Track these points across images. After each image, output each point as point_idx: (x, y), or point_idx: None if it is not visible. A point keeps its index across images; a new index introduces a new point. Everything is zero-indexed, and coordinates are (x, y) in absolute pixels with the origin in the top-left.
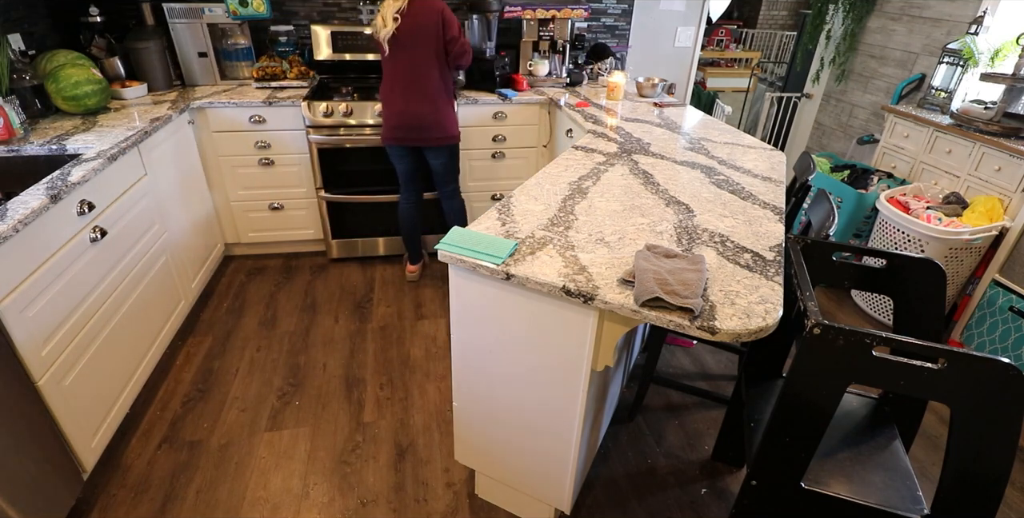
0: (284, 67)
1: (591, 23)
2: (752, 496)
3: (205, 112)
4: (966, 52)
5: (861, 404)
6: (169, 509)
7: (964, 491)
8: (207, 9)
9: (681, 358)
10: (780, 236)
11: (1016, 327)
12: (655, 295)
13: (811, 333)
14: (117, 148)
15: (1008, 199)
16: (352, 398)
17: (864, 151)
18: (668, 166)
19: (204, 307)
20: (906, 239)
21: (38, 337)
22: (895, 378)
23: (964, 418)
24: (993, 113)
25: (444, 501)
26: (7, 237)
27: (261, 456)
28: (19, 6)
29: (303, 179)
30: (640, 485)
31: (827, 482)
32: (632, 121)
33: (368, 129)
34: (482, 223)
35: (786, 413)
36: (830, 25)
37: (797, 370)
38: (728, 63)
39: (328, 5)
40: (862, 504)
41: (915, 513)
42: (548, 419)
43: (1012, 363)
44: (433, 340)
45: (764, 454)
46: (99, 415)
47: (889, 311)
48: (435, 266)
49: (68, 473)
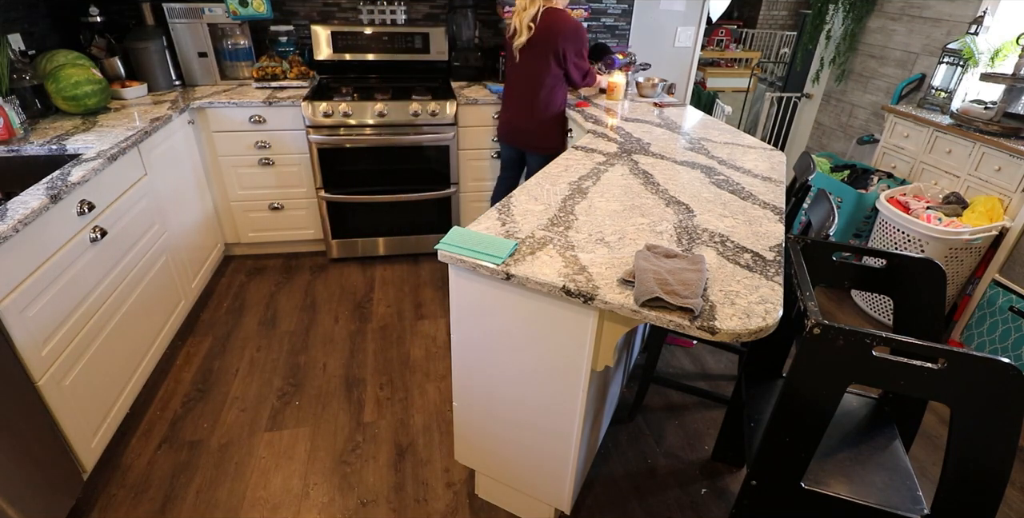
0: (284, 67)
1: (591, 23)
2: (752, 496)
3: (205, 112)
4: (966, 52)
5: (861, 404)
6: (169, 509)
7: (964, 491)
8: (207, 9)
9: (681, 358)
10: (780, 236)
11: (1016, 327)
12: (655, 295)
13: (811, 333)
14: (117, 148)
15: (1008, 199)
16: (352, 398)
17: (864, 151)
18: (668, 166)
19: (204, 307)
20: (906, 239)
21: (38, 337)
22: (895, 378)
23: (964, 418)
24: (993, 113)
25: (444, 501)
26: (7, 237)
27: (261, 456)
28: (19, 6)
29: (303, 179)
30: (640, 485)
31: (827, 482)
32: (632, 121)
33: (368, 129)
34: (482, 223)
35: (786, 413)
36: (830, 25)
37: (797, 370)
38: (728, 63)
39: (328, 5)
40: (862, 504)
41: (915, 513)
42: (548, 419)
43: (1012, 363)
44: (433, 340)
45: (764, 454)
46: (99, 415)
47: (889, 311)
48: (435, 266)
49: (68, 473)
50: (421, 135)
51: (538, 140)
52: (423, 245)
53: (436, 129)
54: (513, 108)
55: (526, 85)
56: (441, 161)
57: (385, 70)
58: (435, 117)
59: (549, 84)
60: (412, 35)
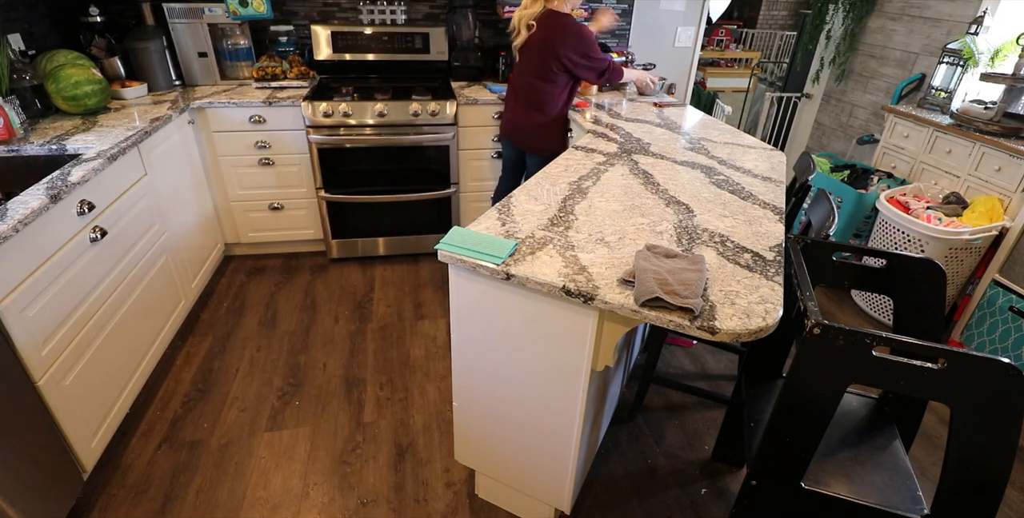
0: (284, 67)
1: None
2: (752, 496)
3: (205, 112)
4: (966, 52)
5: (861, 404)
6: (169, 509)
7: (964, 491)
8: (207, 9)
9: (681, 358)
10: (780, 236)
11: (1016, 327)
12: (655, 295)
13: (811, 333)
14: (117, 148)
15: (1008, 199)
16: (352, 398)
17: (864, 151)
18: (668, 166)
19: (204, 307)
20: (906, 239)
21: (38, 337)
22: (895, 378)
23: (964, 418)
24: (993, 113)
25: (444, 501)
26: (7, 237)
27: (261, 456)
28: (19, 6)
29: (303, 179)
30: (640, 485)
31: (827, 482)
32: (632, 121)
33: (368, 129)
34: (482, 223)
35: (786, 413)
36: (830, 25)
37: (797, 370)
38: (728, 63)
39: (328, 5)
40: (862, 504)
41: (915, 513)
42: (548, 419)
43: (1012, 363)
44: (433, 340)
45: (764, 454)
46: (99, 415)
47: (889, 311)
48: (435, 266)
49: (68, 473)
50: (421, 135)
51: (536, 141)
52: (423, 245)
53: (436, 129)
54: (513, 108)
55: (525, 86)
56: (441, 161)
57: (385, 70)
58: (435, 117)
59: (546, 87)
60: (412, 35)
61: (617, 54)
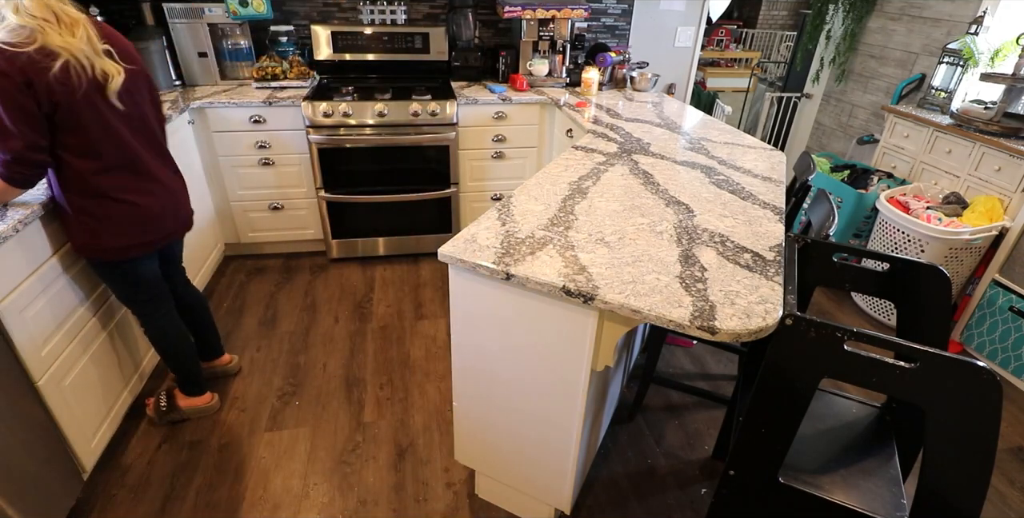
0: (284, 67)
1: (591, 23)
2: (730, 486)
3: (205, 112)
4: (966, 52)
5: (862, 411)
6: (169, 509)
7: (940, 499)
8: (207, 9)
9: (681, 358)
10: (780, 236)
11: (1016, 327)
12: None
13: (783, 323)
14: None
15: (1008, 199)
16: (352, 398)
17: (864, 151)
18: (668, 166)
19: None
20: (906, 239)
21: (38, 337)
22: (867, 375)
23: (938, 422)
24: (993, 113)
25: (444, 501)
26: (7, 237)
27: (261, 456)
28: None
29: (303, 179)
30: (640, 485)
31: (810, 481)
32: (632, 121)
33: (368, 129)
34: (482, 223)
35: (761, 403)
36: (830, 25)
37: (771, 361)
38: (728, 63)
39: (328, 5)
40: (840, 505)
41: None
42: (548, 419)
43: (987, 367)
44: (433, 340)
45: (741, 444)
46: (99, 415)
47: (889, 312)
48: (435, 266)
49: (68, 473)
50: (421, 135)
51: None
52: (423, 245)
53: (436, 129)
54: None
55: None
56: (441, 161)
57: (385, 70)
58: (435, 117)
59: None
60: (412, 35)
61: (615, 53)
